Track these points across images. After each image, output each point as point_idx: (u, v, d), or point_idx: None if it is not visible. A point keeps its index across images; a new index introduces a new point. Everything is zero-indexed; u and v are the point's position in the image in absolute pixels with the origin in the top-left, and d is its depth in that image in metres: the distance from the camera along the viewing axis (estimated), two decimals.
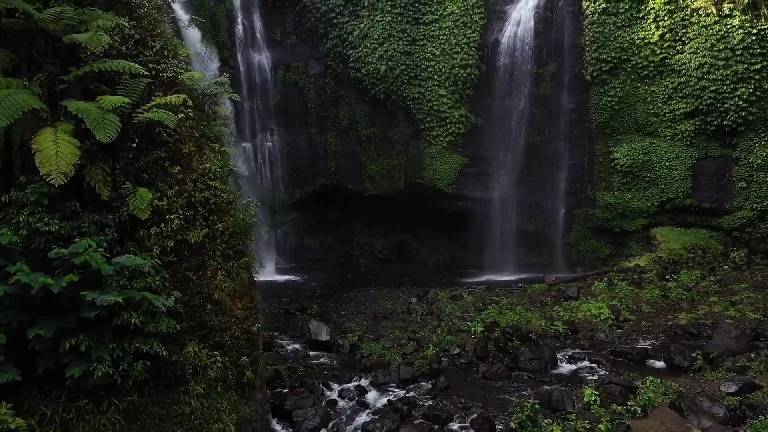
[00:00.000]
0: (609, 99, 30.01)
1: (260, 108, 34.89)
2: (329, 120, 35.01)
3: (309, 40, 34.90)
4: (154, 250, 11.09)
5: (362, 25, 32.44)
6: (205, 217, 12.39)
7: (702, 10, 27.90)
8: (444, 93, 31.72)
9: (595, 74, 30.06)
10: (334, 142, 34.98)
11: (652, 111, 29.67)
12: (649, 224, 30.03)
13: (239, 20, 34.64)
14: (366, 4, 32.52)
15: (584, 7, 30.09)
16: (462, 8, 31.45)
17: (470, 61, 31.39)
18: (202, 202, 12.28)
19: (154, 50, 12.42)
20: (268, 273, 31.84)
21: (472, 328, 19.18)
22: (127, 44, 11.95)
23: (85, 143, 10.66)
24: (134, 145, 11.43)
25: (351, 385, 15.89)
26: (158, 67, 12.23)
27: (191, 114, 12.07)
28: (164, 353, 10.35)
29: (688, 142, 29.16)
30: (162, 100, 11.53)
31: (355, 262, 35.42)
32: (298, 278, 30.78)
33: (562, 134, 31.40)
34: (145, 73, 11.33)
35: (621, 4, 29.54)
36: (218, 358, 11.60)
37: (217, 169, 12.72)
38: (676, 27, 28.62)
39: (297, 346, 18.87)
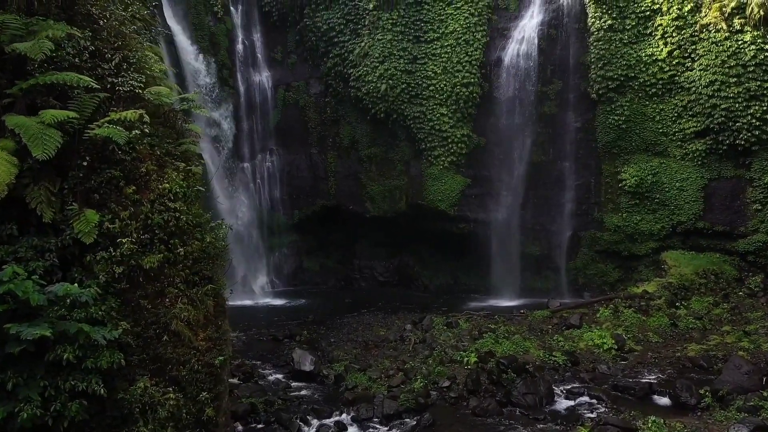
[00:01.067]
0: (616, 118, 28.98)
1: (260, 128, 34.36)
2: (330, 140, 34.34)
3: (310, 59, 34.43)
4: (101, 277, 10.25)
5: (363, 44, 31.89)
6: (164, 240, 11.56)
7: (712, 26, 26.90)
8: (445, 112, 30.92)
9: (601, 92, 29.09)
10: (335, 163, 34.26)
11: (661, 130, 28.58)
12: (660, 248, 28.74)
13: (240, 40, 34.32)
14: (367, 23, 32.01)
15: (590, 24, 29.24)
16: (464, 26, 30.78)
17: (472, 80, 30.61)
18: (161, 224, 11.46)
19: (113, 63, 11.74)
20: (263, 297, 31.07)
21: (465, 359, 18.07)
22: (82, 57, 11.26)
23: (28, 161, 9.93)
24: (85, 164, 10.70)
25: (330, 421, 14.84)
26: (116, 80, 11.53)
27: (147, 130, 11.29)
28: (102, 391, 9.42)
29: (699, 162, 27.97)
30: (117, 116, 10.81)
31: (355, 286, 34.44)
32: (295, 302, 29.84)
33: (568, 154, 30.37)
34: (96, 86, 10.59)
35: (627, 21, 28.67)
36: (171, 395, 10.67)
37: (179, 190, 11.92)
38: (685, 43, 27.64)
39: (279, 376, 17.88)
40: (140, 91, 11.78)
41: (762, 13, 25.22)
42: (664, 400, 15.73)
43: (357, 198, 33.83)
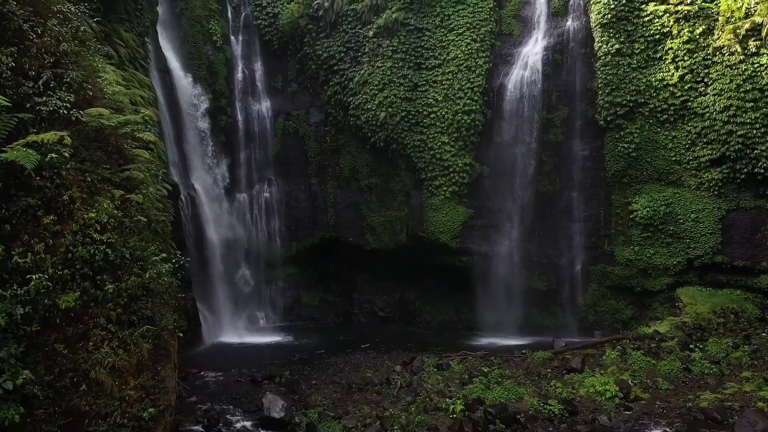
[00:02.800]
0: (625, 145, 27.46)
1: (258, 158, 33.55)
2: (330, 170, 33.35)
3: (310, 87, 33.75)
4: (0, 319, 9.09)
5: (363, 72, 31.07)
6: (89, 276, 10.42)
7: (725, 48, 25.43)
8: (447, 140, 29.74)
9: (609, 119, 27.66)
10: (335, 193, 33.18)
11: (673, 158, 26.95)
12: (675, 283, 26.82)
13: (240, 69, 33.82)
14: (367, 50, 31.23)
15: (596, 49, 28.01)
16: (466, 52, 29.79)
17: (474, 107, 29.46)
18: (86, 258, 10.34)
19: (40, 82, 10.77)
20: (255, 333, 29.75)
21: (451, 407, 16.44)
22: (1, 74, 10.32)
23: None
24: None
25: None
26: (40, 100, 10.56)
27: (66, 154, 10.23)
28: None
29: (715, 192, 26.18)
30: (33, 138, 9.79)
31: (354, 321, 32.94)
32: (286, 339, 28.44)
33: (575, 184, 28.83)
34: (7, 103, 9.61)
35: (636, 45, 27.37)
36: None
37: (110, 220, 10.80)
38: (698, 67, 26.17)
39: (247, 423, 16.44)
40: (65, 111, 10.75)
41: None
42: None
43: (357, 230, 32.60)
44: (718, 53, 25.63)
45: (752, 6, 24.70)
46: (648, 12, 27.17)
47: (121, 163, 12.24)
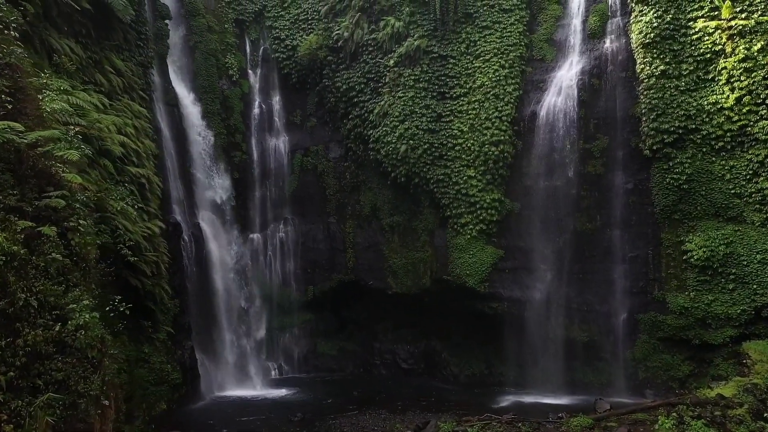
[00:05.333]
0: (675, 177, 24.25)
1: (274, 195, 31.68)
2: (349, 208, 31.12)
3: (330, 121, 31.95)
4: None
5: (383, 102, 29.07)
6: None
7: None
8: (473, 174, 27.17)
9: (656, 148, 24.61)
10: (354, 233, 30.82)
11: (732, 191, 23.56)
12: (741, 336, 23.02)
13: (256, 103, 32.40)
14: (387, 80, 29.27)
15: (639, 71, 25.22)
16: (493, 79, 27.44)
17: (503, 137, 26.89)
18: None
19: None
20: (265, 386, 27.22)
21: None
22: None
23: None
24: None
25: None
26: None
27: None
28: None
29: None
30: None
31: (375, 373, 30.02)
32: (295, 394, 25.76)
33: (619, 221, 25.63)
34: None
35: (684, 66, 24.46)
36: None
37: (7, 258, 8.59)
38: (757, 88, 23.02)
39: None
40: None
41: None
42: None
43: (378, 272, 30.04)
44: None
45: None
46: (696, 29, 24.32)
47: (43, 188, 10.13)
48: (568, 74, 26.91)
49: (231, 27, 31.59)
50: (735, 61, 23.45)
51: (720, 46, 23.90)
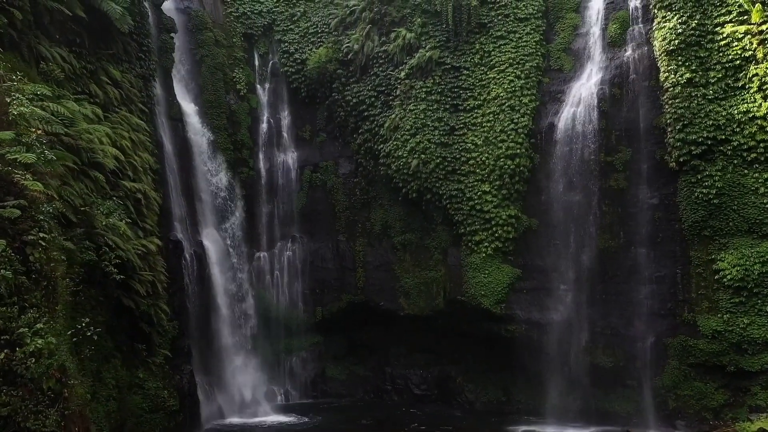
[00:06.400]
0: (705, 191, 22.71)
1: (281, 212, 30.62)
2: (359, 225, 29.93)
3: (339, 136, 30.97)
4: None
5: (393, 116, 28.04)
6: None
7: None
8: (488, 189, 25.91)
9: (682, 160, 23.15)
10: (364, 251, 29.56)
11: (767, 205, 21.95)
12: None
13: (265, 118, 31.53)
14: (398, 93, 28.25)
15: (663, 80, 23.90)
16: (509, 90, 26.31)
17: (519, 150, 25.65)
18: None
19: None
20: (271, 412, 26.03)
21: None
22: None
23: None
24: None
25: None
26: None
27: None
28: None
29: None
30: None
31: (386, 399, 28.54)
32: (303, 420, 24.44)
33: (644, 238, 24.12)
34: None
35: (711, 73, 23.09)
36: None
37: None
38: None
39: None
40: None
41: None
42: None
43: (389, 292, 28.72)
44: None
45: None
46: (724, 35, 22.99)
47: (2, 197, 9.08)
48: (587, 84, 25.69)
49: (239, 41, 30.90)
50: (767, 68, 22.01)
51: (750, 52, 22.55)
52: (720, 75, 23.01)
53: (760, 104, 22.15)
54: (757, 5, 22.26)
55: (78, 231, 14.11)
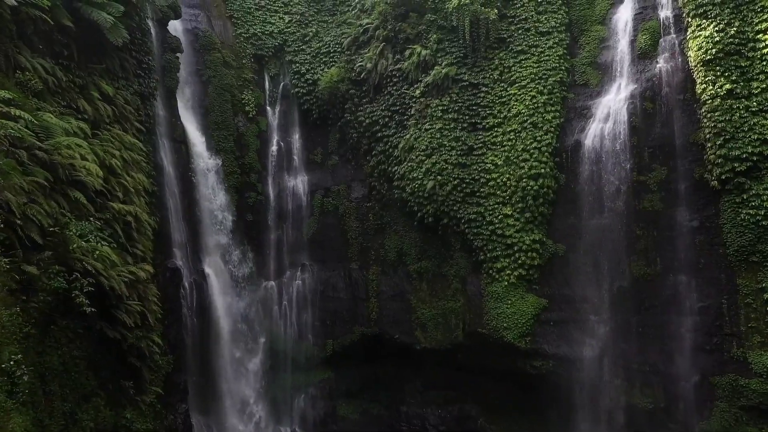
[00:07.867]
0: (751, 212, 20.52)
1: (291, 239, 29.00)
2: (372, 252, 28.16)
3: (352, 159, 29.46)
4: None
5: (408, 136, 26.48)
6: None
7: None
8: (510, 212, 24.06)
9: (725, 178, 21.03)
10: (378, 280, 27.73)
11: None
12: None
13: (274, 141, 30.15)
14: (413, 112, 26.72)
15: (699, 92, 21.96)
16: (530, 107, 24.62)
17: (543, 170, 23.82)
18: None
19: None
20: None
21: None
22: None
23: None
24: None
25: None
26: None
27: None
28: None
29: None
30: None
31: None
32: None
33: (684, 264, 21.91)
34: None
35: (754, 84, 21.12)
36: None
37: None
38: None
39: None
40: None
41: None
42: None
43: (405, 324, 26.78)
44: None
45: None
46: (767, 42, 21.02)
47: None
48: (616, 99, 23.86)
49: (249, 62, 29.79)
50: None
51: None
52: (764, 85, 21.00)
53: None
54: None
55: (45, 254, 12.57)
